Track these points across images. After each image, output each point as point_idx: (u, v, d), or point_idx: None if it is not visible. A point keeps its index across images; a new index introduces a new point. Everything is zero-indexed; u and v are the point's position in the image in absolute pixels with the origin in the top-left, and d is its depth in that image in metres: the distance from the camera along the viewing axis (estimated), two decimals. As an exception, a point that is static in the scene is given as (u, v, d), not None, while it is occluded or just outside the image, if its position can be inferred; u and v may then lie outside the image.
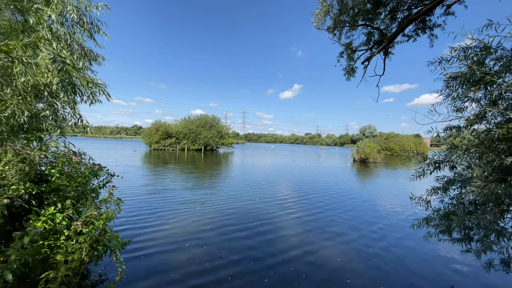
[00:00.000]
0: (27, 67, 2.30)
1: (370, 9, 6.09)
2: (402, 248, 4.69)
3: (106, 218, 2.88)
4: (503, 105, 2.23)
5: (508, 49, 2.24)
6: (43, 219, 2.42)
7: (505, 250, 2.28)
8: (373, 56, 6.85)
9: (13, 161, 2.61)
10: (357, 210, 7.25)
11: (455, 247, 3.53)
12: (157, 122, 39.48)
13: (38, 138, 3.42)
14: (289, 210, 6.98)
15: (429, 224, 3.20)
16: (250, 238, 4.87)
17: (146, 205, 6.90)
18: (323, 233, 5.31)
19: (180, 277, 3.41)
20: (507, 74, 2.17)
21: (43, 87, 3.09)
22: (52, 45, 3.05)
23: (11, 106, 2.52)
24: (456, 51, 2.53)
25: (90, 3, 3.88)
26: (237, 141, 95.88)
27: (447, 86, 2.65)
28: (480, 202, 2.61)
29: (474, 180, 2.25)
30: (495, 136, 2.12)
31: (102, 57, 4.66)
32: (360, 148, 27.01)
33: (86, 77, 3.70)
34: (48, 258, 2.39)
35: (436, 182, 3.10)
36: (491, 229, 2.29)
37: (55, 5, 3.41)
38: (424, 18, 6.28)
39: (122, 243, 3.04)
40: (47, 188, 2.96)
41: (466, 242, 2.93)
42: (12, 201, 2.43)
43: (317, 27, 6.78)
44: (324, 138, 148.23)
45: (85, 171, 3.36)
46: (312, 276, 3.56)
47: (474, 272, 3.85)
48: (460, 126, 2.65)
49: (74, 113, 3.84)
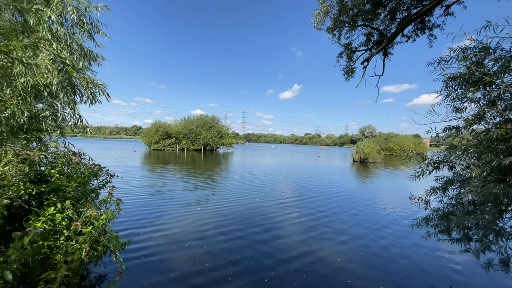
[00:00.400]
0: (27, 68, 2.31)
1: (369, 9, 6.11)
2: (402, 248, 4.70)
3: (106, 218, 2.88)
4: (501, 105, 2.24)
5: (507, 50, 2.25)
6: (42, 219, 2.42)
7: (504, 250, 2.29)
8: (373, 56, 6.86)
9: (13, 162, 2.61)
10: (357, 210, 7.26)
11: (454, 247, 3.54)
12: (156, 122, 39.47)
13: (37, 138, 3.43)
14: (288, 210, 6.98)
15: (428, 224, 3.21)
16: (250, 238, 4.88)
17: (146, 205, 6.90)
18: (323, 233, 5.31)
19: (180, 277, 3.41)
20: (505, 74, 2.18)
21: (43, 87, 3.10)
22: (52, 46, 3.05)
23: (11, 106, 2.52)
24: (455, 52, 2.54)
25: (90, 4, 3.89)
26: (236, 141, 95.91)
27: (446, 86, 2.66)
28: (479, 202, 2.62)
29: (473, 180, 2.26)
30: (494, 136, 2.13)
31: (102, 57, 4.67)
32: (359, 148, 27.03)
33: (86, 77, 3.70)
34: (48, 259, 2.39)
35: (435, 182, 3.11)
36: (489, 229, 2.30)
37: (55, 6, 3.41)
38: (424, 19, 6.30)
39: (121, 244, 3.05)
40: (46, 188, 2.96)
41: (465, 242, 2.94)
42: (11, 201, 2.43)
43: (317, 28, 6.79)
44: (323, 138, 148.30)
45: (84, 172, 3.36)
46: (312, 276, 3.56)
47: (474, 272, 3.86)
48: (459, 126, 2.66)
49: (73, 113, 3.84)
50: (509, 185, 2.04)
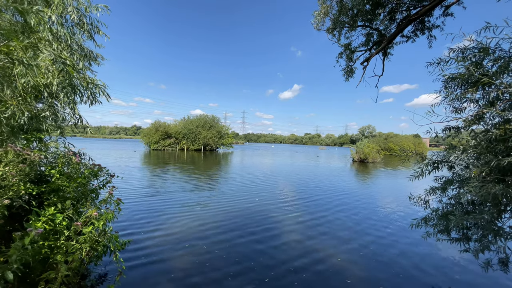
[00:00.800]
0: (28, 68, 2.31)
1: (369, 9, 6.12)
2: (402, 247, 4.71)
3: (106, 218, 2.89)
4: (500, 106, 2.25)
5: (506, 50, 2.26)
6: (43, 219, 2.42)
7: (502, 250, 2.30)
8: (372, 56, 6.87)
9: (13, 162, 2.61)
10: (356, 210, 7.27)
11: (454, 247, 3.56)
12: (156, 122, 39.46)
13: (38, 138, 3.43)
14: (288, 211, 6.99)
15: (427, 224, 3.22)
16: (250, 238, 4.88)
17: (146, 206, 6.90)
18: (323, 233, 5.32)
19: (181, 276, 3.42)
20: (504, 75, 2.19)
21: (43, 88, 3.10)
22: (53, 46, 3.06)
23: (11, 107, 2.52)
24: (454, 53, 2.55)
25: (90, 4, 3.89)
26: (236, 141, 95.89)
27: (446, 87, 2.67)
28: (478, 202, 2.63)
29: (472, 180, 2.27)
30: (493, 137, 2.14)
31: (102, 57, 4.67)
32: (359, 148, 27.04)
33: (86, 78, 3.70)
34: (48, 258, 2.40)
35: (435, 182, 3.12)
36: (488, 229, 2.31)
37: (56, 6, 3.42)
38: (423, 19, 6.31)
39: (122, 244, 3.06)
40: (47, 188, 2.96)
41: (464, 241, 2.95)
42: (12, 201, 2.43)
43: (317, 28, 6.81)
44: (323, 138, 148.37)
45: (85, 172, 3.37)
46: (312, 276, 3.57)
47: (473, 272, 3.87)
48: (458, 127, 2.67)
49: (74, 113, 3.85)
50: (508, 185, 2.05)
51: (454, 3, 5.68)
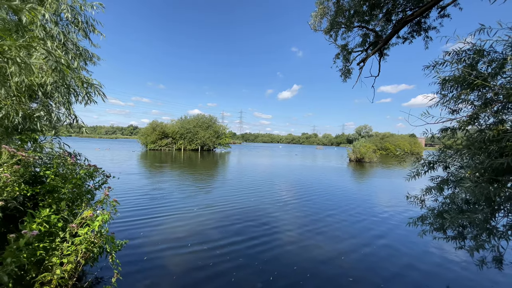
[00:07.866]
0: (22, 68, 2.27)
1: (366, 10, 6.16)
2: (402, 247, 4.76)
3: (102, 219, 2.86)
4: (494, 107, 2.28)
5: (499, 52, 2.29)
6: (38, 221, 2.39)
7: (496, 249, 2.34)
8: (369, 57, 6.92)
9: (7, 163, 2.57)
10: (357, 210, 7.32)
11: (450, 245, 3.60)
12: (154, 122, 39.21)
13: (32, 139, 3.38)
14: (288, 210, 7.01)
15: (424, 223, 3.26)
16: (252, 238, 4.88)
17: (145, 206, 6.85)
18: (324, 233, 5.35)
19: (181, 276, 3.40)
20: (498, 76, 2.22)
21: (37, 87, 3.06)
22: (46, 45, 3.01)
23: (5, 107, 2.48)
24: (449, 55, 2.58)
25: (85, 2, 3.84)
26: (234, 141, 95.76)
27: (442, 88, 2.70)
28: (473, 202, 2.67)
29: (466, 180, 2.30)
30: (486, 137, 2.17)
31: (98, 57, 4.61)
32: (356, 148, 27.23)
33: (81, 77, 3.66)
34: (44, 260, 2.37)
35: (431, 182, 3.15)
36: (482, 228, 2.34)
37: (49, 4, 3.37)
38: (419, 21, 6.38)
39: (118, 245, 3.03)
40: (42, 189, 2.92)
41: (459, 240, 2.99)
42: (6, 203, 2.39)
43: (314, 29, 6.83)
44: (320, 138, 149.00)
45: (80, 172, 3.32)
46: (316, 275, 3.59)
47: (468, 269, 3.94)
48: (454, 127, 2.70)
49: (69, 113, 3.80)
50: (502, 185, 2.08)
51: (449, 3, 5.74)
